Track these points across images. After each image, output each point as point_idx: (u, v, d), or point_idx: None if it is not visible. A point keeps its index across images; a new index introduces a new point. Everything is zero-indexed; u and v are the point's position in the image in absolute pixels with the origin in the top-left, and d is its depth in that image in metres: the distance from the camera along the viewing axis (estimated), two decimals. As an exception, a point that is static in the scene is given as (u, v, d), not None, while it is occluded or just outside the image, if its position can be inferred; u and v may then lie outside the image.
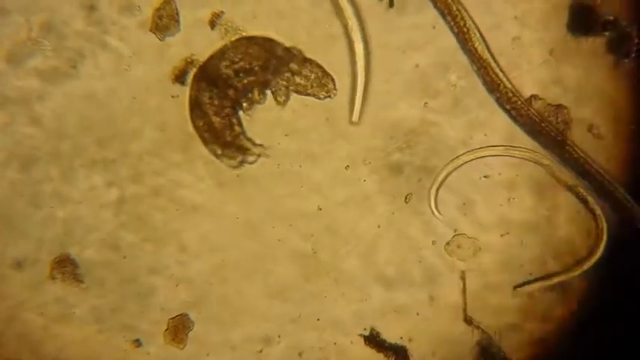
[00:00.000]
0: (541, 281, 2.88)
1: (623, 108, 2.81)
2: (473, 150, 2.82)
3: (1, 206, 2.78)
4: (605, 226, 2.82)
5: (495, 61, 2.74)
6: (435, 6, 2.71)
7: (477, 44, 2.71)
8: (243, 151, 2.78)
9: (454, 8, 2.69)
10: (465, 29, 2.70)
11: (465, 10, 2.69)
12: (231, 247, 2.86)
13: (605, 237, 2.83)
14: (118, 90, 2.77)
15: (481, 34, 2.72)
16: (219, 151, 2.78)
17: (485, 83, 2.77)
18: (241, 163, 2.79)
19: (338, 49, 2.75)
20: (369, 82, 2.76)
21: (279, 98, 2.76)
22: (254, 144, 2.79)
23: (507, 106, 2.77)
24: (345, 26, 2.72)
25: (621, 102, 2.81)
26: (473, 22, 2.70)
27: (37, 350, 2.84)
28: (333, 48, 2.76)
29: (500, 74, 2.74)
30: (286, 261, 2.88)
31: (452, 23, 2.71)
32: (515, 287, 2.88)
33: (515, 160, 2.83)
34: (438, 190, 2.83)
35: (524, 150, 2.81)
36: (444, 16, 2.72)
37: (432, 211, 2.84)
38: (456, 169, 2.83)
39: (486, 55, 2.73)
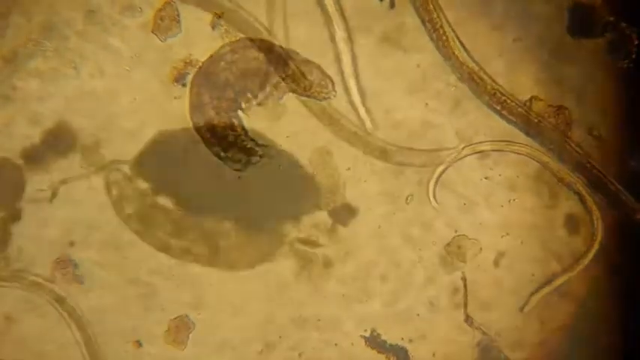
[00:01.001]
0: (543, 288, 2.88)
1: (623, 109, 2.82)
2: (472, 145, 2.82)
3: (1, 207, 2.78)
4: (601, 224, 2.83)
5: (479, 65, 2.74)
6: (417, 13, 2.71)
7: (456, 52, 2.71)
8: (247, 152, 2.78)
9: (435, 15, 2.68)
10: (445, 37, 2.70)
11: (445, 18, 2.69)
12: (232, 248, 2.86)
13: (600, 236, 2.84)
14: (119, 91, 2.76)
15: (461, 42, 2.72)
16: (222, 154, 2.77)
17: (470, 89, 2.77)
18: (245, 165, 2.78)
19: (337, 52, 2.76)
20: (362, 87, 2.77)
21: (277, 99, 2.76)
22: (257, 144, 2.79)
23: (498, 107, 2.78)
24: (333, 35, 2.73)
25: (621, 103, 2.81)
26: (452, 29, 2.70)
27: (37, 351, 2.83)
28: (333, 49, 2.76)
29: (486, 77, 2.74)
30: (287, 261, 2.88)
31: (432, 31, 2.71)
32: (521, 308, 2.88)
33: (515, 161, 2.84)
34: (437, 181, 2.83)
35: (523, 146, 2.81)
36: (424, 23, 2.72)
37: (430, 201, 2.85)
38: (456, 161, 2.83)
39: (468, 61, 2.72)
